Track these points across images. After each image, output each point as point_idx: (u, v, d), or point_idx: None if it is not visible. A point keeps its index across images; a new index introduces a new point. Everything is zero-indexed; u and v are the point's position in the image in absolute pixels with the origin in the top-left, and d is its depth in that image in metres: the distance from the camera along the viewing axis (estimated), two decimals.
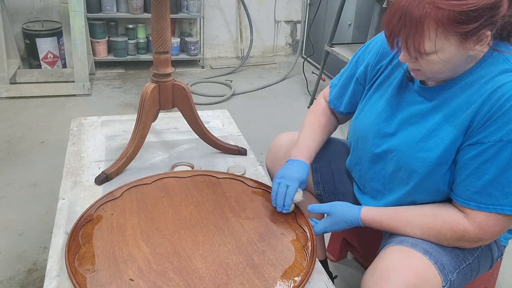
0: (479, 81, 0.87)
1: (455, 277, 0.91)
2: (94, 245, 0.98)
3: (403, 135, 0.97)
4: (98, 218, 1.07)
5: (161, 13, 1.19)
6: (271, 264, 0.95)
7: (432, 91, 0.95)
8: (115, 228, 1.04)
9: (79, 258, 0.94)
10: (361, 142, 1.09)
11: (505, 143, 0.82)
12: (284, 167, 1.12)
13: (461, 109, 0.88)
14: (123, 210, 1.10)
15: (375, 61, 1.08)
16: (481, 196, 0.86)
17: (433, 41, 0.81)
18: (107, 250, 0.97)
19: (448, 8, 0.77)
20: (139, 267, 0.92)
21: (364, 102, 1.11)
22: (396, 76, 1.03)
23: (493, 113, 0.83)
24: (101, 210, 1.10)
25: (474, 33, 0.80)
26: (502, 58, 0.87)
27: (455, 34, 0.80)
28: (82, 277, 0.89)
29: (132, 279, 0.89)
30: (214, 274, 0.91)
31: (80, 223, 1.03)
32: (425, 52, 0.83)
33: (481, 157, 0.85)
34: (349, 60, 1.19)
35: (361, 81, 1.13)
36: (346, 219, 1.03)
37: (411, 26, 0.81)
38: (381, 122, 1.03)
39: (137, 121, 1.29)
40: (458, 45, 0.82)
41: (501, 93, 0.83)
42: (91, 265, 0.92)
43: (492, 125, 0.83)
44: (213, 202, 1.15)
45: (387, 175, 1.02)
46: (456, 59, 0.85)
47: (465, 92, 0.89)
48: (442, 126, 0.91)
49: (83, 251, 0.96)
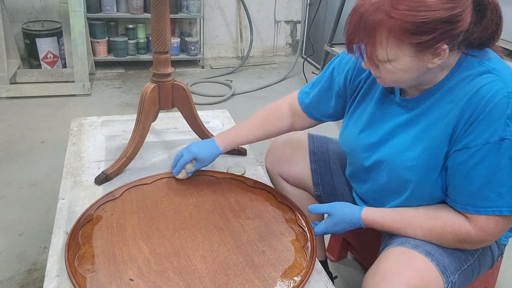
0: (458, 85, 0.87)
1: (456, 279, 0.91)
2: (94, 245, 0.98)
3: (390, 146, 0.98)
4: (98, 218, 1.07)
5: (161, 13, 1.19)
6: (271, 264, 0.95)
7: (413, 102, 0.95)
8: (115, 228, 1.04)
9: (78, 258, 0.94)
10: (351, 155, 1.10)
11: (492, 145, 0.81)
12: (201, 141, 1.25)
13: (443, 115, 0.88)
14: (123, 210, 1.10)
15: (353, 75, 1.08)
16: (477, 200, 0.86)
17: (385, 49, 0.82)
18: (107, 250, 0.97)
19: (400, 18, 0.77)
20: (139, 267, 0.92)
21: (348, 116, 1.11)
22: (376, 89, 1.03)
23: (476, 117, 0.82)
24: (101, 210, 1.10)
25: (429, 46, 0.80)
26: (477, 61, 0.87)
27: (409, 44, 0.80)
28: (82, 277, 0.89)
29: (132, 279, 0.89)
30: (214, 274, 0.91)
31: (80, 223, 1.03)
32: (379, 60, 0.84)
33: (470, 162, 0.84)
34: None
35: (341, 95, 1.13)
36: (346, 219, 1.02)
37: (364, 33, 0.82)
38: (366, 136, 1.03)
39: (137, 121, 1.29)
40: (413, 56, 0.82)
41: (481, 95, 0.82)
42: (91, 265, 0.92)
43: (476, 128, 0.83)
44: (213, 202, 1.15)
45: (381, 185, 1.03)
46: (415, 70, 0.85)
47: (445, 98, 0.89)
48: (426, 133, 0.91)
49: (82, 251, 0.96)
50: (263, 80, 3.60)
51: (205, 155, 1.20)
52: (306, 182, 1.28)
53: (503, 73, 0.83)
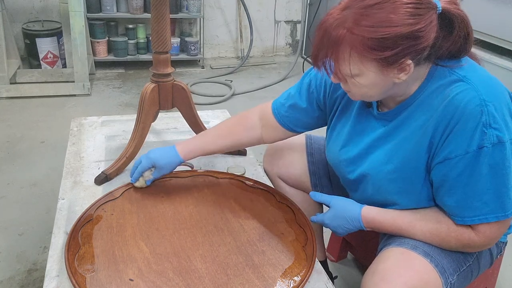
0: (431, 96, 0.87)
1: (455, 280, 0.91)
2: (94, 245, 0.98)
3: (371, 159, 0.98)
4: (97, 218, 1.07)
5: (161, 13, 1.19)
6: (270, 264, 0.95)
7: (391, 115, 0.95)
8: (115, 228, 1.04)
9: (78, 258, 0.94)
10: (337, 169, 1.11)
11: (471, 154, 0.82)
12: (162, 148, 1.18)
13: (418, 127, 0.89)
14: (123, 210, 1.10)
15: (331, 90, 1.07)
16: (463, 210, 0.86)
17: (348, 65, 0.82)
18: (107, 250, 0.97)
19: (361, 34, 0.78)
20: (139, 267, 0.92)
21: (330, 131, 1.11)
22: (355, 103, 1.03)
23: (452, 127, 0.83)
24: (100, 210, 1.10)
25: (393, 61, 0.80)
26: (448, 71, 0.87)
27: (371, 60, 0.80)
28: (81, 277, 0.89)
29: (132, 279, 0.89)
30: (213, 274, 0.91)
31: (80, 223, 1.03)
32: (343, 75, 0.84)
33: (453, 172, 0.85)
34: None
35: (321, 107, 1.11)
36: (346, 214, 0.99)
37: (328, 47, 0.82)
38: (348, 151, 1.03)
39: (137, 121, 1.29)
40: (377, 71, 0.82)
41: (454, 105, 0.82)
42: (91, 265, 0.92)
43: (454, 139, 0.83)
44: (213, 202, 1.15)
45: (369, 195, 1.03)
46: (381, 86, 0.85)
47: (419, 110, 0.89)
48: (403, 145, 0.92)
49: (82, 251, 0.96)
50: (263, 80, 3.60)
51: (164, 162, 1.15)
52: (305, 183, 1.28)
53: (474, 80, 0.84)
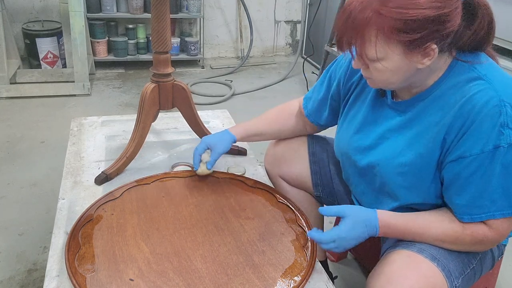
0: (448, 92, 0.87)
1: (460, 283, 0.91)
2: (94, 245, 0.98)
3: (382, 150, 0.97)
4: (98, 218, 1.07)
5: (161, 13, 1.19)
6: (271, 264, 0.95)
7: (405, 105, 0.95)
8: (115, 228, 1.04)
9: (79, 258, 0.94)
10: (346, 157, 1.10)
11: (487, 154, 0.81)
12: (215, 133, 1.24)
13: (434, 123, 0.88)
14: (123, 210, 1.10)
15: (346, 78, 1.08)
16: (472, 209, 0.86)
17: (374, 47, 0.82)
18: (107, 250, 0.97)
19: (389, 15, 0.78)
20: (139, 267, 0.92)
21: (342, 119, 1.11)
22: (369, 91, 1.03)
23: (468, 126, 0.82)
24: (101, 210, 1.10)
25: (418, 45, 0.80)
26: (468, 67, 0.86)
27: (397, 42, 0.80)
28: (82, 277, 0.89)
29: (132, 279, 0.89)
30: (214, 274, 0.91)
31: (80, 223, 1.03)
32: (368, 58, 0.84)
33: (466, 171, 0.84)
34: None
35: (335, 98, 1.14)
36: (365, 221, 0.91)
37: (353, 30, 0.82)
38: (359, 139, 1.03)
39: (137, 121, 1.29)
40: (402, 55, 0.82)
41: (472, 104, 0.82)
42: (91, 265, 0.92)
43: (470, 138, 0.82)
44: (213, 202, 1.15)
45: (376, 189, 1.02)
46: (404, 71, 0.84)
47: (436, 104, 0.89)
48: (417, 140, 0.91)
49: (83, 251, 0.96)
50: (263, 80, 3.60)
51: (217, 140, 1.20)
52: (306, 182, 1.28)
53: (494, 79, 0.83)
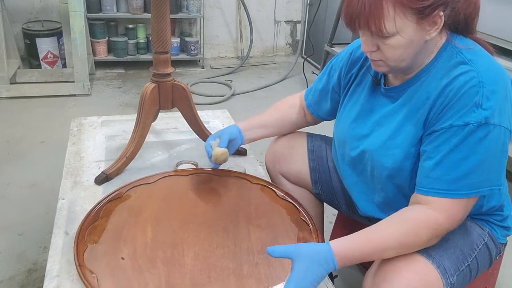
0: (436, 75, 0.90)
1: (455, 280, 0.91)
2: (110, 220, 1.04)
3: (375, 136, 1.00)
4: (126, 197, 1.13)
5: (161, 13, 1.19)
6: (257, 278, 0.90)
7: (396, 91, 0.98)
8: (135, 209, 1.09)
9: (92, 228, 1.01)
10: (341, 147, 1.11)
11: (456, 129, 0.83)
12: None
13: (420, 105, 0.91)
14: (150, 195, 1.15)
15: (347, 69, 1.11)
16: (430, 181, 0.86)
17: (393, 20, 0.83)
18: (117, 227, 1.03)
19: None
20: (135, 249, 0.96)
21: (341, 109, 1.14)
22: (366, 81, 1.06)
23: (447, 103, 0.85)
24: (132, 191, 1.16)
25: (429, 12, 0.82)
26: (456, 51, 0.89)
27: (412, 11, 0.82)
28: (84, 245, 0.95)
29: (124, 258, 0.93)
30: (196, 273, 0.90)
31: (109, 199, 1.11)
32: (387, 33, 0.84)
33: (433, 144, 0.86)
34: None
35: (336, 90, 1.17)
36: (316, 258, 0.84)
37: (370, 6, 0.82)
38: (356, 127, 1.05)
39: (137, 121, 1.29)
40: (415, 24, 0.84)
41: (453, 84, 0.85)
42: (97, 237, 0.98)
43: (446, 113, 0.85)
44: (234, 204, 1.13)
45: (368, 176, 1.04)
46: (415, 44, 0.87)
47: (423, 88, 0.91)
48: (405, 122, 0.94)
49: (98, 222, 1.03)
50: (263, 80, 3.60)
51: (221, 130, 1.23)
52: (305, 180, 1.29)
53: (478, 64, 0.86)
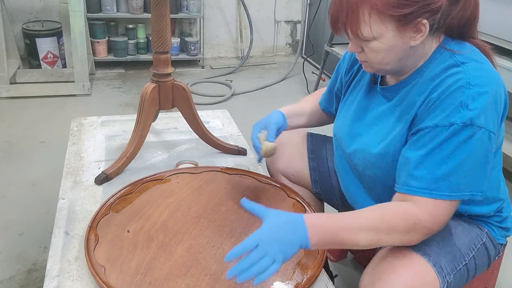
0: (427, 78, 0.90)
1: (452, 279, 0.91)
2: (141, 196, 1.12)
3: (369, 135, 1.01)
4: (166, 180, 1.20)
5: (161, 13, 1.19)
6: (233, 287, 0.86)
7: (390, 91, 0.98)
8: (167, 192, 1.14)
9: (122, 199, 1.07)
10: (339, 144, 1.12)
11: (440, 129, 0.83)
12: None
13: (410, 106, 0.91)
14: (188, 183, 1.19)
15: (348, 68, 1.13)
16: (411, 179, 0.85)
17: (369, 25, 0.84)
18: (143, 204, 1.08)
19: None
20: (142, 226, 0.99)
21: (341, 106, 1.15)
22: (365, 80, 1.07)
23: (433, 102, 0.85)
24: (174, 176, 1.22)
25: (410, 20, 0.82)
26: (449, 55, 0.89)
27: (391, 18, 0.82)
28: (106, 211, 1.02)
29: (129, 231, 0.96)
30: (179, 265, 0.91)
31: (151, 178, 1.19)
32: (364, 37, 0.86)
33: (417, 143, 0.86)
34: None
35: (340, 89, 1.19)
36: (286, 219, 0.83)
37: (347, 10, 0.84)
38: (352, 124, 1.06)
39: (137, 121, 1.29)
40: (395, 31, 0.84)
41: (441, 85, 0.85)
42: (121, 207, 1.05)
43: (431, 113, 0.85)
44: None
45: (360, 174, 1.05)
46: (398, 49, 0.86)
47: (415, 90, 0.92)
48: (397, 124, 0.94)
49: (129, 196, 1.10)
50: (263, 80, 3.60)
51: (266, 119, 1.22)
52: (305, 179, 1.29)
53: (469, 66, 0.85)
